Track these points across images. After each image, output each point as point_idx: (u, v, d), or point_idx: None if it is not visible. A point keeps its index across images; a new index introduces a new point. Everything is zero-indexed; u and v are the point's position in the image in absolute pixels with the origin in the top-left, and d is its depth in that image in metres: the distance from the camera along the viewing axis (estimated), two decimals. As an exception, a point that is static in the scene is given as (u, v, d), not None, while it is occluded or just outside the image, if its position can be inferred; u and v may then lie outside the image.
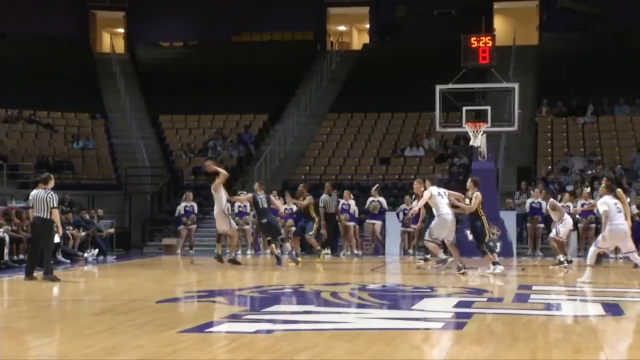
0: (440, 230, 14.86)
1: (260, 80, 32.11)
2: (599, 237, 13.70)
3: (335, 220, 21.26)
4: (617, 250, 17.56)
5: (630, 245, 13.58)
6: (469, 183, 15.60)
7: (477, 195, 15.05)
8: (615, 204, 13.41)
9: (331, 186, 21.74)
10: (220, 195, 17.19)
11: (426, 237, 15.24)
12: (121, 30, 40.30)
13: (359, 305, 10.58)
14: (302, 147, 29.49)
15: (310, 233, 18.53)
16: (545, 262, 18.75)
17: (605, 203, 13.39)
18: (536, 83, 31.11)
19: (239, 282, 14.31)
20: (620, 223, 13.34)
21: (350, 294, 11.78)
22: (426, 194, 14.99)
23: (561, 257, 16.67)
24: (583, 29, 35.02)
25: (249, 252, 21.95)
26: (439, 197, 14.85)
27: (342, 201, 21.51)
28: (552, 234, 17.13)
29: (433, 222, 15.07)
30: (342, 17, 39.99)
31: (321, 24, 38.66)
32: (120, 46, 39.15)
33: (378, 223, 21.72)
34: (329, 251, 20.61)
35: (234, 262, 17.27)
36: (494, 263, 14.87)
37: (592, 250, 13.65)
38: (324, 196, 21.11)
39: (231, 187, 24.96)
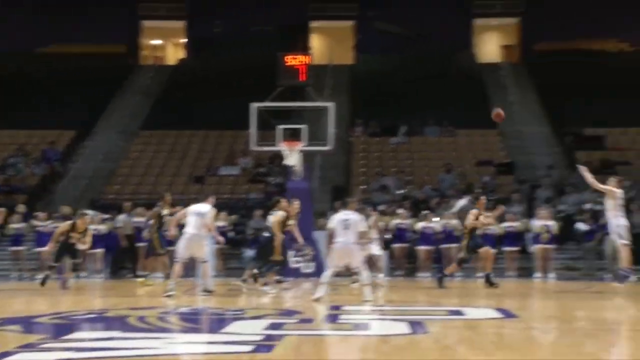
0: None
1: (68, 94, 30.75)
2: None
3: (132, 242, 20.37)
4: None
5: (356, 262, 13.47)
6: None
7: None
8: (344, 220, 13.30)
9: (130, 206, 20.91)
10: None
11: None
12: None
13: (168, 330, 10.16)
14: (113, 164, 28.43)
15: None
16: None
17: (332, 220, 13.42)
18: (351, 102, 31.64)
19: (37, 308, 13.35)
20: (340, 241, 13.24)
21: (158, 318, 11.27)
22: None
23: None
24: (396, 51, 36.09)
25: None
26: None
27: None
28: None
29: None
30: (157, 30, 39.23)
31: (135, 37, 37.70)
32: None
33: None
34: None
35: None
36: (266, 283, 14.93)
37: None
38: (122, 216, 20.30)
39: (34, 207, 23.66)
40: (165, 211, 17.00)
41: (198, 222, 14.64)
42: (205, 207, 14.89)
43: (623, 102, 29.44)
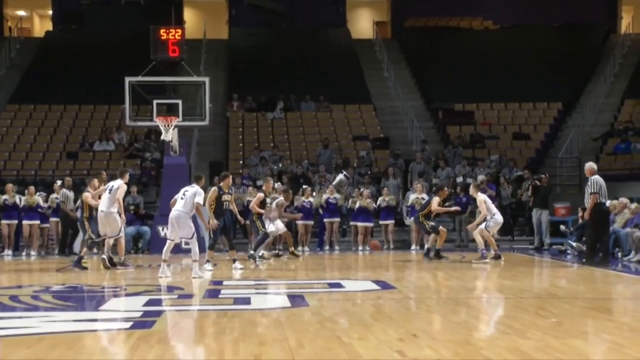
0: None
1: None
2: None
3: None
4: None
5: (185, 233, 13.81)
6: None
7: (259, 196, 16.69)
8: (184, 191, 13.96)
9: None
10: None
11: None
12: None
13: (42, 309, 9.94)
14: (-22, 140, 27.26)
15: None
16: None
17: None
18: (227, 77, 31.42)
19: None
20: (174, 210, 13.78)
21: (32, 296, 10.98)
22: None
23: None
24: (270, 26, 36.02)
25: None
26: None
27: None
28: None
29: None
30: (22, 1, 37.68)
31: (-2, 8, 36.14)
32: None
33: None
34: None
35: None
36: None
37: None
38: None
39: None
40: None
41: (109, 199, 15.02)
42: (116, 183, 15.21)
43: (489, 78, 30.46)
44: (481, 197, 16.47)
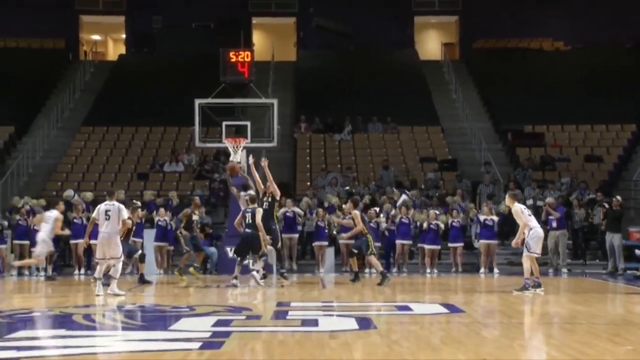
0: None
1: (5, 89, 30.07)
2: None
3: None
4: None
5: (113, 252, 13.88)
6: (348, 204, 17.17)
7: (356, 214, 16.40)
8: (107, 210, 13.98)
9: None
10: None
11: None
12: None
13: (114, 328, 10.07)
14: (54, 161, 27.92)
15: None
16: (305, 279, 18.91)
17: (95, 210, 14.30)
18: (294, 99, 31.62)
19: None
20: (102, 232, 13.88)
21: (104, 315, 11.15)
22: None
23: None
24: (337, 48, 36.18)
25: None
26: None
27: None
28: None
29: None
30: (96, 26, 38.67)
31: (74, 32, 37.07)
32: None
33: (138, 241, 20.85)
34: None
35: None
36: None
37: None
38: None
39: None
40: (196, 214, 18.01)
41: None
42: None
43: (559, 100, 30.03)
44: (517, 208, 14.75)
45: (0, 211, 21.38)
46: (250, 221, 15.74)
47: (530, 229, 14.48)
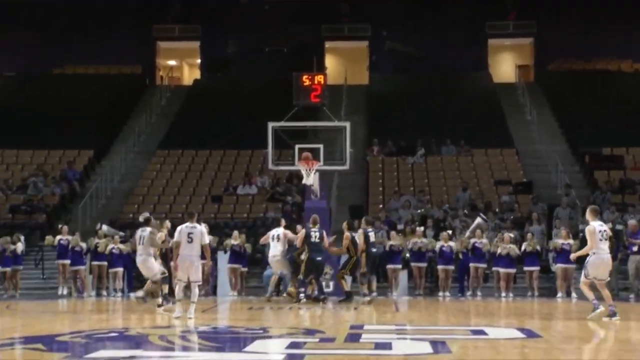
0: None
1: (85, 114, 30.89)
2: None
3: None
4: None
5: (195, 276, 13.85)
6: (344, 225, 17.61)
7: (347, 236, 16.92)
8: (189, 233, 13.81)
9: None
10: None
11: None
12: None
13: (189, 349, 10.11)
14: (131, 184, 28.51)
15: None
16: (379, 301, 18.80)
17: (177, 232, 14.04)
18: (367, 122, 31.64)
19: (59, 327, 13.34)
20: (184, 254, 13.74)
21: (180, 336, 11.26)
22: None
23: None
24: (410, 71, 36.12)
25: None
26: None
27: None
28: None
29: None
30: (172, 51, 39.45)
31: (150, 58, 37.89)
32: None
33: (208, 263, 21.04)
34: None
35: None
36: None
37: None
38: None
39: (53, 227, 23.76)
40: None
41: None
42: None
43: (638, 121, 29.33)
44: (592, 227, 13.83)
45: (79, 234, 21.83)
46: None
47: (594, 253, 13.81)
